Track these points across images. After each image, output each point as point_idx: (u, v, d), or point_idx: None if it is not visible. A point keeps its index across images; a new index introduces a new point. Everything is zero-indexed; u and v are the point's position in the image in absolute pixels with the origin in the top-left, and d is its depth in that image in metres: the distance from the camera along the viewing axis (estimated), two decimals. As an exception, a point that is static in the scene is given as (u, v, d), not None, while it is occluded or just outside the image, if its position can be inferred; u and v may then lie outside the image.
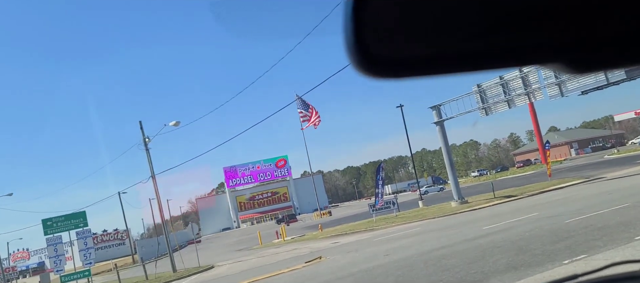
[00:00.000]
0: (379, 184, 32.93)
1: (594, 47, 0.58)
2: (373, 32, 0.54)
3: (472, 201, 31.62)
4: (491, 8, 0.54)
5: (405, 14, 0.55)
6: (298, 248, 25.66)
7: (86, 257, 25.64)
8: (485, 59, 0.59)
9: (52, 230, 25.11)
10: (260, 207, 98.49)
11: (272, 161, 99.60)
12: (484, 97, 30.35)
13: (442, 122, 32.46)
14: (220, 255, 33.00)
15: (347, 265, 14.48)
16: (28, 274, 73.44)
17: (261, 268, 19.06)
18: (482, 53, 0.58)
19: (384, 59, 0.57)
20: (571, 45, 0.57)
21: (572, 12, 0.55)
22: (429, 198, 50.23)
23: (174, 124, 29.76)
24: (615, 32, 0.56)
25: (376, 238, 21.98)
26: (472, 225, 18.76)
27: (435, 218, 26.53)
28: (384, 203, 32.82)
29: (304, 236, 34.50)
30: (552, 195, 26.53)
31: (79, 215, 26.32)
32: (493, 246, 11.87)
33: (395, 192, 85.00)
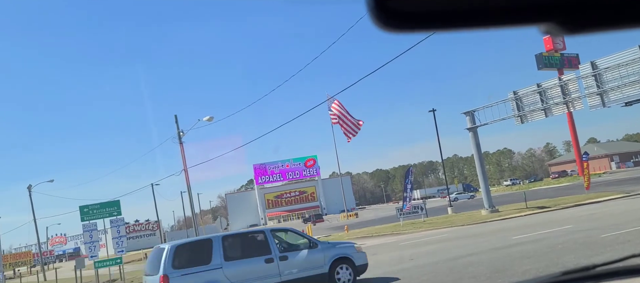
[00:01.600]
0: (407, 188, 32.61)
1: (589, 6, 0.60)
2: None
3: (503, 210, 30.89)
4: None
5: None
6: (323, 248, 25.68)
7: (118, 245, 26.43)
8: (488, 16, 0.63)
9: (88, 217, 25.98)
10: (288, 205, 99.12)
11: (301, 160, 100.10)
12: (519, 105, 29.61)
13: (475, 128, 31.86)
14: (247, 251, 33.39)
15: (371, 268, 14.40)
16: (64, 258, 76.43)
17: (286, 266, 19.19)
18: (485, 9, 0.62)
19: (398, 13, 0.62)
20: (565, 4, 0.60)
21: None
22: (458, 205, 49.37)
23: (208, 119, 30.33)
24: None
25: (402, 242, 21.79)
26: (502, 234, 18.35)
27: (463, 226, 26.06)
28: (411, 207, 32.49)
29: (329, 237, 34.54)
30: (589, 208, 25.61)
31: (113, 203, 27.15)
32: (522, 257, 11.58)
33: (424, 197, 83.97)
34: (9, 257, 53.97)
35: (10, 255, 57.64)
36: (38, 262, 48.38)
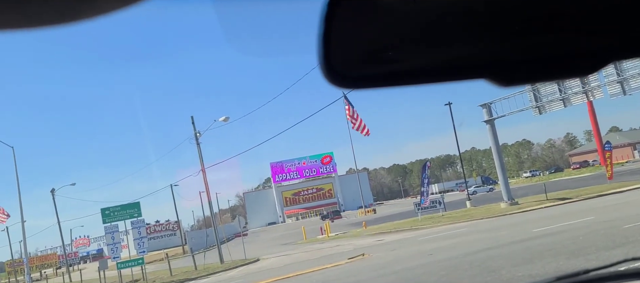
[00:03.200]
0: (424, 182, 32.44)
1: (516, 64, 0.71)
2: (339, 53, 0.68)
3: (522, 202, 30.51)
4: (433, 33, 0.68)
5: (361, 42, 0.70)
6: (341, 244, 25.77)
7: (140, 246, 26.91)
8: (427, 75, 0.73)
9: (109, 219, 26.50)
10: (305, 203, 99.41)
11: (318, 158, 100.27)
12: (537, 96, 29.18)
13: (492, 120, 31.51)
14: (266, 249, 33.68)
15: (390, 263, 14.44)
16: (88, 260, 78.07)
17: (305, 263, 19.33)
18: (423, 70, 0.72)
19: (347, 75, 0.71)
20: (496, 62, 0.71)
21: (497, 35, 0.68)
22: (477, 198, 48.89)
23: (224, 120, 30.62)
24: (533, 52, 0.70)
25: (421, 237, 21.72)
26: (522, 227, 18.15)
27: (482, 219, 25.83)
28: (429, 202, 32.31)
29: (347, 233, 34.58)
30: (611, 198, 25.13)
31: (134, 205, 27.63)
32: (543, 250, 11.45)
33: (442, 191, 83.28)
34: (35, 259, 55.39)
35: (37, 257, 59.14)
36: (63, 263, 49.51)
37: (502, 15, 0.66)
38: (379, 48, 0.70)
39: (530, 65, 0.72)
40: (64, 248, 47.93)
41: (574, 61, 0.72)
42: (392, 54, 0.71)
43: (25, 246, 34.42)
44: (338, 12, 0.64)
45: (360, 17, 0.66)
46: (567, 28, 0.68)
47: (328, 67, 0.69)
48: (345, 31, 0.66)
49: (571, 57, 0.72)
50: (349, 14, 0.65)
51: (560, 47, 0.70)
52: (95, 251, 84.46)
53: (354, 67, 0.72)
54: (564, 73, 0.74)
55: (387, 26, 0.67)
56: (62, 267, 50.11)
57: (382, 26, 0.68)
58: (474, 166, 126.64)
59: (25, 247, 34.45)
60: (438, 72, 0.74)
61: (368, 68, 0.73)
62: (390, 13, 0.66)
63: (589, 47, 0.70)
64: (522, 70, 0.72)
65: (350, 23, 0.66)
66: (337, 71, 0.70)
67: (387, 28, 0.68)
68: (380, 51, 0.71)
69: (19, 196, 32.20)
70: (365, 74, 0.73)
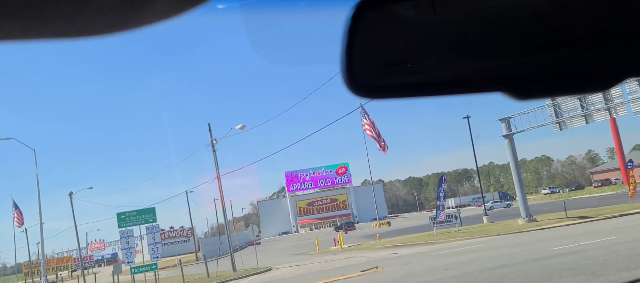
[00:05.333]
0: (440, 196, 32.02)
1: (533, 78, 0.75)
2: (360, 64, 0.72)
3: (541, 219, 29.85)
4: (451, 45, 0.72)
5: (382, 53, 0.74)
6: (354, 256, 25.50)
7: (154, 251, 27.05)
8: (445, 87, 0.77)
9: (124, 223, 26.73)
10: (319, 213, 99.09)
11: (333, 168, 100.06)
12: (558, 111, 28.65)
13: (511, 135, 31.03)
14: (279, 258, 33.54)
15: (403, 277, 14.20)
16: (103, 263, 78.90)
17: (317, 274, 19.14)
18: (442, 82, 0.77)
19: (368, 85, 0.76)
20: (512, 75, 0.75)
21: (515, 49, 0.72)
22: (494, 214, 48.05)
23: (240, 128, 30.77)
24: (549, 67, 0.74)
25: (436, 251, 21.36)
26: (540, 244, 17.70)
27: (499, 235, 25.32)
28: (445, 216, 31.85)
29: (361, 245, 34.25)
30: (633, 218, 24.40)
31: (149, 210, 27.84)
32: (562, 268, 11.11)
33: (458, 206, 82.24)
34: (52, 261, 56.21)
35: (53, 259, 60.01)
36: (78, 266, 50.10)
37: (519, 29, 0.69)
38: (399, 60, 0.74)
39: (546, 79, 0.74)
40: (80, 252, 48.46)
41: (589, 76, 0.74)
42: (411, 66, 0.74)
43: (43, 249, 34.96)
44: (361, 23, 0.67)
45: (382, 29, 0.69)
46: (583, 44, 0.70)
47: (350, 77, 0.72)
48: (367, 42, 0.70)
49: (586, 72, 0.74)
50: (371, 26, 0.69)
51: (576, 63, 0.72)
52: (110, 255, 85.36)
53: (375, 77, 0.76)
54: (579, 88, 0.78)
55: (407, 38, 0.71)
56: (77, 270, 50.70)
57: (403, 38, 0.71)
58: (491, 181, 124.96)
59: (43, 249, 34.99)
60: (456, 85, 0.77)
61: (388, 79, 0.77)
62: (410, 25, 0.69)
63: (604, 63, 0.72)
64: (537, 84, 0.75)
65: (372, 35, 0.70)
66: (358, 80, 0.73)
67: (407, 40, 0.71)
68: (400, 62, 0.74)
69: (39, 198, 32.78)
70: (385, 85, 0.77)
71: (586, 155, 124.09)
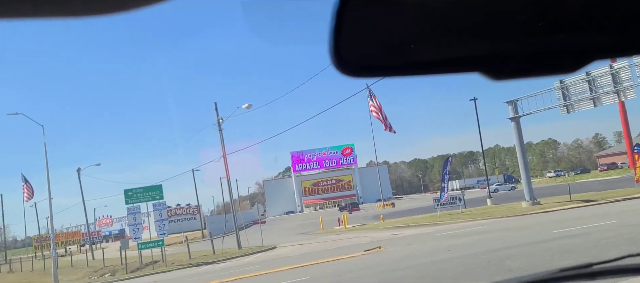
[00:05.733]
0: (444, 178, 32.10)
1: (507, 60, 0.80)
2: (348, 43, 0.76)
3: (545, 202, 29.90)
4: (434, 28, 0.77)
5: (368, 32, 0.77)
6: (358, 236, 25.76)
7: (161, 228, 27.47)
8: (428, 67, 0.82)
9: (132, 200, 27.10)
10: (324, 193, 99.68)
11: (338, 149, 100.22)
12: (566, 94, 28.42)
13: (518, 118, 30.87)
14: (283, 237, 33.94)
15: (406, 257, 14.37)
16: (111, 239, 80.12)
17: (321, 253, 19.40)
18: (425, 62, 0.82)
19: (354, 63, 0.80)
20: (489, 57, 0.80)
21: (491, 30, 0.76)
22: (498, 196, 48.15)
23: (246, 107, 30.82)
24: (522, 49, 0.79)
25: (439, 233, 21.53)
26: (543, 227, 17.79)
27: (502, 218, 25.44)
28: (449, 198, 31.98)
29: (365, 226, 34.55)
30: (638, 202, 24.40)
31: (156, 188, 28.17)
32: (563, 251, 11.20)
33: (463, 188, 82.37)
34: (61, 235, 57.19)
35: (62, 233, 61.05)
36: (87, 241, 50.96)
37: (496, 12, 0.74)
38: (382, 41, 0.79)
39: (519, 61, 0.80)
40: (88, 227, 49.28)
41: (559, 59, 0.80)
42: (396, 46, 0.79)
43: (52, 223, 35.45)
44: (348, 5, 0.71)
45: (368, 11, 0.73)
46: (553, 28, 0.76)
47: (338, 56, 0.77)
48: (353, 24, 0.74)
49: (556, 55, 0.80)
50: (358, 8, 0.72)
51: (546, 46, 0.78)
52: (118, 231, 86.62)
53: (361, 57, 0.80)
54: (549, 70, 0.82)
55: (392, 20, 0.75)
56: (85, 245, 51.60)
57: (388, 20, 0.75)
58: (496, 164, 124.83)
59: (52, 224, 35.48)
60: (436, 65, 0.81)
61: (371, 58, 0.81)
62: (395, 8, 0.73)
63: (572, 46, 0.78)
64: (511, 65, 0.81)
65: (358, 17, 0.73)
66: (346, 59, 0.78)
67: (392, 22, 0.75)
68: (385, 43, 0.79)
69: (47, 174, 33.12)
70: (369, 64, 0.82)
71: (593, 139, 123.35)
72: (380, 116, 52.50)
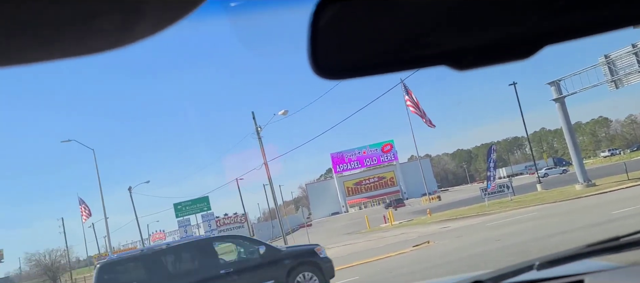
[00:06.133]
0: (490, 167, 31.29)
1: (467, 51, 0.87)
2: (324, 47, 0.83)
3: (600, 183, 28.60)
4: (402, 25, 0.83)
5: (342, 37, 0.84)
6: (406, 232, 25.53)
7: (210, 238, 28.24)
8: (398, 64, 0.89)
9: (181, 213, 28.06)
10: (368, 192, 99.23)
11: (378, 146, 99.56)
12: (613, 69, 27.12)
13: (562, 98, 29.73)
14: (330, 238, 34.08)
15: (456, 250, 14.15)
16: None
17: (370, 251, 19.37)
18: (396, 60, 0.88)
19: (331, 67, 0.87)
20: (451, 50, 0.87)
21: (452, 26, 0.83)
22: (549, 181, 46.41)
23: (283, 114, 31.20)
24: (480, 39, 0.86)
25: (488, 223, 21.03)
26: (599, 209, 17.05)
27: (555, 203, 24.53)
28: (496, 186, 31.15)
29: (411, 221, 34.16)
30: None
31: (203, 199, 29.04)
32: (623, 232, 10.71)
33: (510, 175, 79.91)
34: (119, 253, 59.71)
35: (120, 251, 63.74)
36: (143, 256, 52.88)
37: (455, 9, 0.80)
38: (353, 45, 0.87)
39: (477, 51, 0.87)
40: (143, 243, 51.21)
41: (513, 45, 0.86)
42: (369, 47, 0.87)
43: (109, 241, 37.24)
44: (323, 14, 0.78)
45: (337, 20, 0.80)
46: (506, 16, 0.82)
47: (315, 60, 0.84)
48: (327, 28, 0.80)
49: (511, 42, 0.86)
50: (332, 16, 0.79)
51: (501, 34, 0.85)
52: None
53: (336, 61, 0.88)
54: (504, 57, 0.87)
55: (360, 25, 0.82)
56: (142, 260, 53.58)
57: (361, 24, 0.82)
58: (544, 148, 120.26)
59: (109, 242, 37.28)
60: (408, 61, 0.90)
61: (346, 62, 0.89)
62: (362, 14, 0.80)
63: (525, 33, 0.85)
64: (470, 56, 0.87)
65: (331, 22, 0.80)
66: (322, 63, 0.85)
67: (360, 27, 0.83)
68: (354, 46, 0.87)
69: (101, 194, 34.76)
70: (345, 67, 0.90)
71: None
72: (418, 110, 51.88)
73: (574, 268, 1.61)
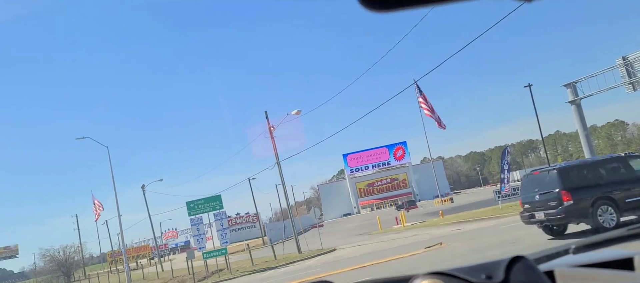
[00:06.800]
0: (504, 169, 30.97)
1: None
2: None
3: (617, 187, 28.13)
4: None
5: None
6: (418, 234, 25.40)
7: (223, 237, 28.35)
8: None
9: (194, 212, 28.16)
10: (380, 193, 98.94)
11: (390, 148, 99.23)
12: (630, 71, 26.70)
13: (578, 100, 29.34)
14: (342, 239, 34.04)
15: (469, 252, 14.04)
16: (177, 251, 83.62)
17: (381, 253, 19.31)
18: None
19: None
20: None
21: None
22: (564, 184, 45.72)
23: (296, 113, 31.25)
24: None
25: (502, 225, 20.82)
26: (616, 213, 16.75)
27: (571, 206, 24.16)
28: (510, 189, 30.81)
29: (424, 223, 33.98)
30: None
31: (215, 198, 29.13)
32: None
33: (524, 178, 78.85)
34: (132, 250, 60.35)
35: (133, 248, 64.43)
36: (155, 254, 53.48)
37: None
38: None
39: None
40: (156, 241, 51.71)
41: None
42: None
43: (123, 239, 37.57)
44: None
45: None
46: None
47: None
48: None
49: None
50: None
51: None
52: (183, 243, 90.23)
53: None
54: None
55: None
56: (154, 258, 54.16)
57: None
58: (559, 151, 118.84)
59: (123, 239, 37.60)
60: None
61: None
62: None
63: None
64: None
65: None
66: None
67: None
68: None
69: (115, 192, 35.16)
70: None
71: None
72: (433, 115, 51.73)
73: (617, 252, 1.56)
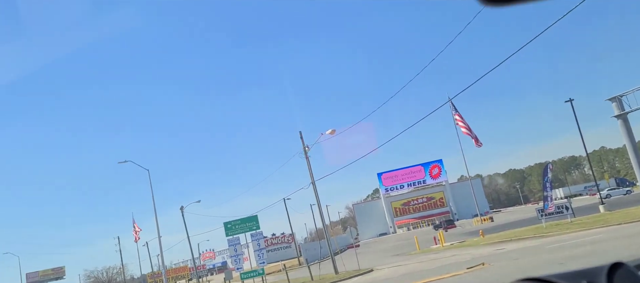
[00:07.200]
0: (546, 187, 29.86)
1: None
2: None
3: (671, 204, 26.60)
4: None
5: None
6: (458, 254, 24.69)
7: (260, 257, 28.46)
8: None
9: (231, 232, 28.48)
10: (416, 212, 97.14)
11: (426, 166, 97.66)
12: (681, 81, 25.43)
13: (625, 114, 28.14)
14: (379, 259, 33.49)
15: (514, 272, 13.51)
16: (214, 272, 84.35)
17: (421, 273, 18.85)
18: None
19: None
20: None
21: None
22: (612, 202, 43.66)
23: (330, 133, 31.30)
24: None
25: (547, 245, 19.98)
26: (673, 231, 15.82)
27: (621, 225, 22.99)
28: (554, 207, 29.63)
29: (463, 243, 33.04)
30: None
31: (252, 218, 29.39)
32: None
33: (568, 196, 76.00)
34: (171, 271, 61.39)
35: (172, 269, 65.51)
36: (194, 275, 54.12)
37: None
38: None
39: None
40: (194, 261, 52.42)
41: None
42: None
43: (163, 260, 38.32)
44: None
45: None
46: None
47: None
48: None
49: None
50: None
51: None
52: (220, 263, 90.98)
53: None
54: None
55: None
56: (193, 279, 54.83)
57: None
58: (605, 168, 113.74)
59: (163, 260, 38.35)
60: None
61: None
62: None
63: None
64: None
65: None
66: None
67: None
68: None
69: (155, 214, 36.04)
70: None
71: None
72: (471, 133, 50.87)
73: None
